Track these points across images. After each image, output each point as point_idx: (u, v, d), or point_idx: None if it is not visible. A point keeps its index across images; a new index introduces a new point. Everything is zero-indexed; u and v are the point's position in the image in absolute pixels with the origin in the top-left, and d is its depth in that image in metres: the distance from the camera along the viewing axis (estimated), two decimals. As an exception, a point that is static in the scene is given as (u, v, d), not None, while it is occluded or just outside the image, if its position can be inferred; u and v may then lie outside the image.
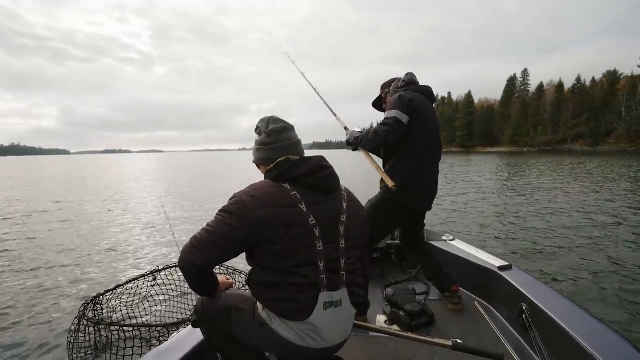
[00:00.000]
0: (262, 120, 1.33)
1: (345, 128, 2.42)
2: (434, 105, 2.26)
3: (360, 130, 2.31)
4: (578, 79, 70.12)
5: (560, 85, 71.46)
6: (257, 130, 1.33)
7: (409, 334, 1.75)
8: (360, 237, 1.28)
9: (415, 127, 2.05)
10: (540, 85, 76.04)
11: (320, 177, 1.21)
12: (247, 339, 1.26)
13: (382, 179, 2.21)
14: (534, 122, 71.96)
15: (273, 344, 1.19)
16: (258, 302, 1.21)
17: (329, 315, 1.17)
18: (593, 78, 68.92)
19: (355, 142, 2.26)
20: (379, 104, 2.45)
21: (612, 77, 64.40)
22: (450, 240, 2.78)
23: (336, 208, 1.22)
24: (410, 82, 2.20)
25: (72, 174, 30.39)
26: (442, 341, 1.52)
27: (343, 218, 1.22)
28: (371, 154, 2.26)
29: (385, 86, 2.34)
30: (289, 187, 1.17)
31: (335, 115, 2.55)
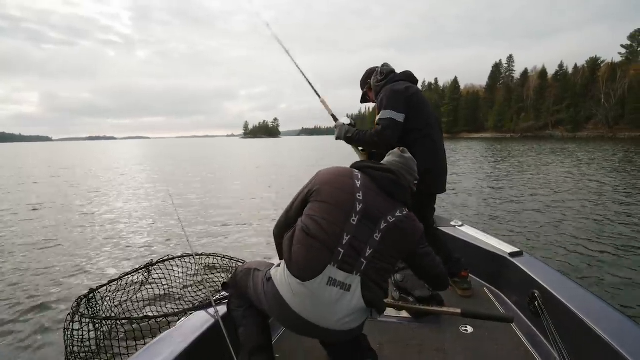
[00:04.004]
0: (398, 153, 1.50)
1: (333, 116, 2.29)
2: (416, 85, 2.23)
3: (350, 122, 2.21)
4: (561, 66, 71.29)
5: (543, 71, 72.50)
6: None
7: (418, 306, 1.72)
8: (396, 250, 1.27)
9: (413, 114, 2.04)
10: (525, 72, 77.03)
11: (384, 175, 1.32)
12: (256, 297, 1.34)
13: None
14: (518, 108, 73.19)
15: (273, 302, 1.23)
16: (273, 265, 1.33)
17: (331, 294, 1.15)
18: (575, 65, 70.19)
19: (349, 142, 2.17)
20: (365, 99, 2.41)
21: (593, 63, 65.69)
22: (459, 226, 2.74)
23: (388, 207, 1.27)
24: (389, 73, 2.16)
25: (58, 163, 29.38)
26: (451, 309, 1.54)
27: (389, 218, 1.24)
28: (360, 149, 2.20)
29: (364, 82, 2.30)
30: (357, 171, 1.35)
31: (319, 97, 2.40)
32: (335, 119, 2.27)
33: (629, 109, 54.55)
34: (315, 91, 2.39)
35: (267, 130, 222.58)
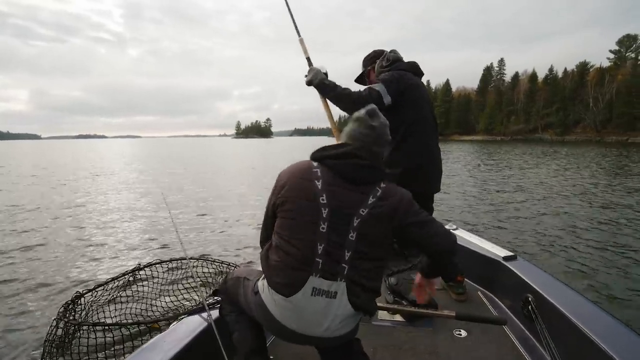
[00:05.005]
0: (366, 108, 1.31)
1: (308, 60, 2.10)
2: (421, 79, 2.17)
3: (325, 72, 2.04)
4: (551, 70, 72.46)
5: (533, 75, 73.57)
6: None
7: (413, 309, 1.73)
8: (380, 242, 1.17)
9: (407, 108, 1.99)
10: (516, 75, 78.03)
11: (345, 163, 1.20)
12: (247, 305, 1.32)
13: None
14: (508, 111, 74.17)
15: (261, 314, 1.22)
16: (262, 274, 1.27)
17: (317, 304, 1.13)
18: (565, 69, 71.39)
19: (321, 90, 1.99)
20: (361, 80, 2.31)
21: (583, 68, 66.89)
22: (454, 230, 2.73)
23: (356, 199, 1.16)
24: (395, 60, 2.09)
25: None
26: (445, 312, 1.55)
27: (362, 211, 1.15)
28: (329, 103, 2.04)
29: (369, 62, 2.21)
30: (315, 165, 1.23)
31: (299, 35, 2.18)
32: (310, 64, 2.09)
33: (616, 113, 55.71)
34: (296, 28, 2.20)
35: (259, 130, 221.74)
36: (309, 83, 2.02)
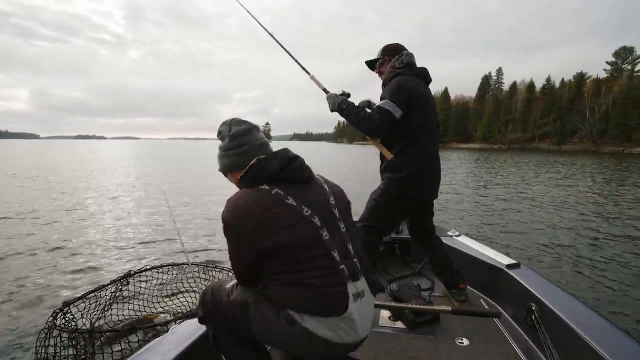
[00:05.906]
0: (223, 124, 1.26)
1: (325, 90, 2.22)
2: (429, 86, 2.20)
3: (341, 93, 2.14)
4: (548, 80, 73.14)
5: (531, 85, 74.24)
6: (219, 135, 1.25)
7: (411, 305, 1.73)
8: (350, 213, 1.26)
9: (415, 115, 2.01)
10: (514, 84, 78.69)
11: (294, 167, 1.16)
12: (270, 338, 1.12)
13: (382, 169, 2.14)
14: (506, 120, 74.72)
15: (302, 343, 1.07)
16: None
17: (360, 307, 1.11)
18: (562, 79, 72.08)
19: (342, 114, 2.11)
20: (372, 64, 2.30)
21: (580, 78, 67.58)
22: (456, 236, 2.72)
23: (322, 193, 1.18)
24: (408, 63, 2.12)
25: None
26: (442, 307, 1.62)
27: (332, 200, 1.18)
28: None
29: (387, 52, 2.20)
30: (267, 188, 1.11)
31: (308, 73, 2.31)
32: (327, 92, 2.19)
33: (612, 124, 56.19)
34: (303, 68, 2.30)
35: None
36: (332, 110, 2.13)
